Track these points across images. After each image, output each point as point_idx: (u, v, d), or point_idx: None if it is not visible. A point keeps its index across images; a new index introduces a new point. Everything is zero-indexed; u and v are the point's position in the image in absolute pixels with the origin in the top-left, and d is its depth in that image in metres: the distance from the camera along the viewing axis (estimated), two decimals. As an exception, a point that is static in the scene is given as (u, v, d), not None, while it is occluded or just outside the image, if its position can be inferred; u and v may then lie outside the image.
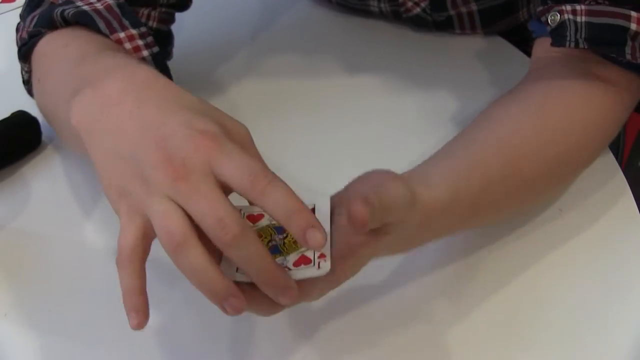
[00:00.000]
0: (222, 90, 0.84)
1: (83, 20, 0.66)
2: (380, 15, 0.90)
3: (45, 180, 0.74)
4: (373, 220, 0.47)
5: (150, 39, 0.68)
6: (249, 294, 0.47)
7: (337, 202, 0.51)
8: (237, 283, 0.47)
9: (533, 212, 0.69)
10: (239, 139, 0.50)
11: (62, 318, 0.63)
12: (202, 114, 0.49)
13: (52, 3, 0.70)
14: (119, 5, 0.68)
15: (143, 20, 0.74)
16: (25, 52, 0.70)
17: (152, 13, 0.74)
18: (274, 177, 0.47)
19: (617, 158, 0.74)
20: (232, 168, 0.46)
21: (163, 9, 0.75)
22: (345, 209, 0.47)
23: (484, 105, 0.68)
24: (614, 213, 0.69)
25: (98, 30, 0.66)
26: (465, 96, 0.81)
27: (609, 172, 0.72)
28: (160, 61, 0.69)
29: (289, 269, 0.49)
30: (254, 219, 0.53)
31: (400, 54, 0.87)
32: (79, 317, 0.63)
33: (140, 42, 0.67)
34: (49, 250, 0.68)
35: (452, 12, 0.85)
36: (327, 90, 0.84)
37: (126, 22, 0.67)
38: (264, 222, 0.53)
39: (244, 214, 0.53)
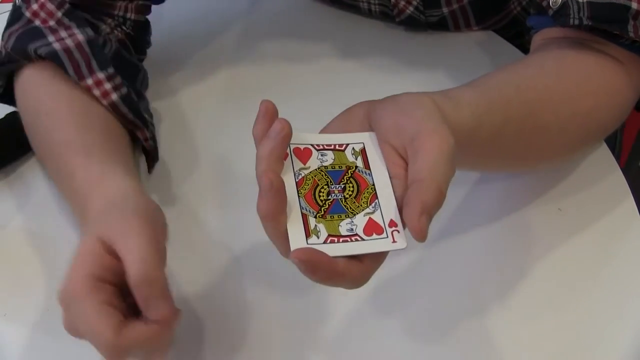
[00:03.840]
0: (211, 79, 0.85)
1: (54, 61, 0.69)
2: (370, 14, 0.90)
3: (43, 180, 0.73)
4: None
5: (118, 79, 0.70)
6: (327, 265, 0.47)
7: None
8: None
9: (531, 210, 0.69)
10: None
11: (61, 318, 0.63)
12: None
13: (29, 20, 0.72)
14: (89, 41, 0.70)
15: (120, 13, 0.76)
16: (1, 71, 0.73)
17: (129, 5, 0.77)
18: None
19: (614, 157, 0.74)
20: None
21: (140, 2, 0.77)
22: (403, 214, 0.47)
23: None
24: (613, 212, 0.69)
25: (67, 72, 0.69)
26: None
27: (608, 171, 0.72)
28: (129, 101, 0.71)
29: (361, 238, 0.48)
30: (301, 154, 0.51)
31: (391, 49, 0.87)
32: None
33: (108, 86, 0.69)
34: (49, 250, 0.68)
35: (445, 11, 0.85)
36: (316, 80, 0.84)
37: (94, 65, 0.69)
38: (313, 162, 0.51)
39: (290, 145, 0.51)
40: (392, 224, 0.48)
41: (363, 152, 0.52)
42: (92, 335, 0.52)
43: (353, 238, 0.48)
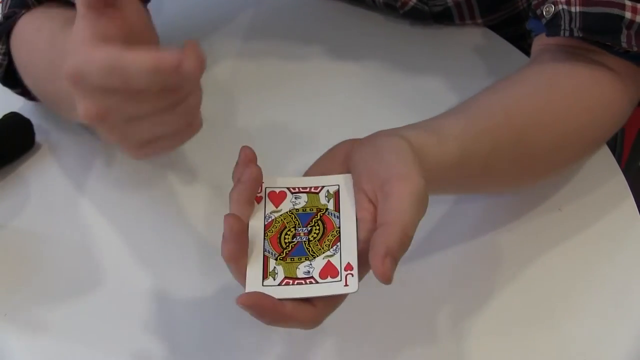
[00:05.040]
0: (212, 72, 0.84)
1: None
2: (374, 6, 0.90)
3: (42, 180, 0.73)
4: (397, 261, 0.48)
5: None
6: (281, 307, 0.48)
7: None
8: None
9: (532, 211, 0.69)
10: None
11: (62, 318, 0.63)
12: None
13: None
14: None
15: None
16: (0, 32, 0.71)
17: None
18: None
19: (614, 158, 0.74)
20: None
21: None
22: (370, 258, 0.47)
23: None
24: (613, 213, 0.69)
25: (67, 3, 0.67)
26: (456, 89, 0.81)
27: (609, 171, 0.72)
28: None
29: (315, 281, 0.49)
30: (275, 197, 0.53)
31: (391, 46, 0.87)
32: (78, 317, 0.63)
33: None
34: (49, 250, 0.68)
35: (449, 2, 0.85)
36: (316, 75, 0.84)
37: None
38: (286, 205, 0.52)
39: (265, 189, 0.53)
40: (348, 267, 0.49)
41: (336, 194, 0.53)
42: (121, 68, 0.47)
43: (307, 281, 0.49)
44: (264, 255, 0.50)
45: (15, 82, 0.74)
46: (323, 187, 0.53)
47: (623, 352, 0.60)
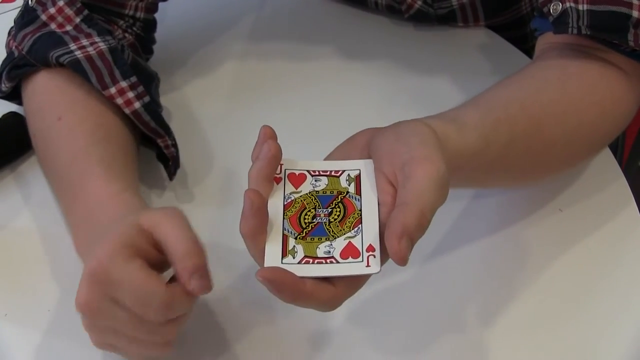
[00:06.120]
0: (218, 73, 0.85)
1: (77, 70, 0.69)
2: (376, 9, 0.90)
3: (42, 180, 0.73)
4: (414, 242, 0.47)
5: (140, 88, 0.70)
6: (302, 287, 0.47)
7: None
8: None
9: (533, 211, 0.69)
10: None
11: (62, 318, 0.63)
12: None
13: (44, 24, 0.71)
14: (111, 50, 0.70)
15: (131, 12, 0.76)
16: (14, 75, 0.72)
17: (140, 4, 0.77)
18: None
19: (615, 158, 0.74)
20: None
21: (149, 0, 0.77)
22: (385, 240, 0.47)
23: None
24: (614, 213, 0.69)
25: (90, 81, 0.69)
26: (459, 88, 0.81)
27: (609, 172, 0.72)
28: (153, 109, 0.70)
29: (336, 261, 0.48)
30: (295, 179, 0.52)
31: (395, 47, 0.87)
32: (78, 317, 0.63)
33: (131, 95, 0.69)
34: (49, 250, 0.68)
35: (455, 3, 0.85)
36: (321, 76, 0.84)
37: (117, 73, 0.69)
38: (306, 186, 0.52)
39: (285, 170, 0.53)
40: (370, 248, 0.48)
41: (357, 178, 0.52)
42: (144, 294, 0.51)
43: (328, 260, 0.48)
44: (283, 234, 0.50)
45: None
46: (344, 170, 0.53)
47: (625, 353, 0.60)
